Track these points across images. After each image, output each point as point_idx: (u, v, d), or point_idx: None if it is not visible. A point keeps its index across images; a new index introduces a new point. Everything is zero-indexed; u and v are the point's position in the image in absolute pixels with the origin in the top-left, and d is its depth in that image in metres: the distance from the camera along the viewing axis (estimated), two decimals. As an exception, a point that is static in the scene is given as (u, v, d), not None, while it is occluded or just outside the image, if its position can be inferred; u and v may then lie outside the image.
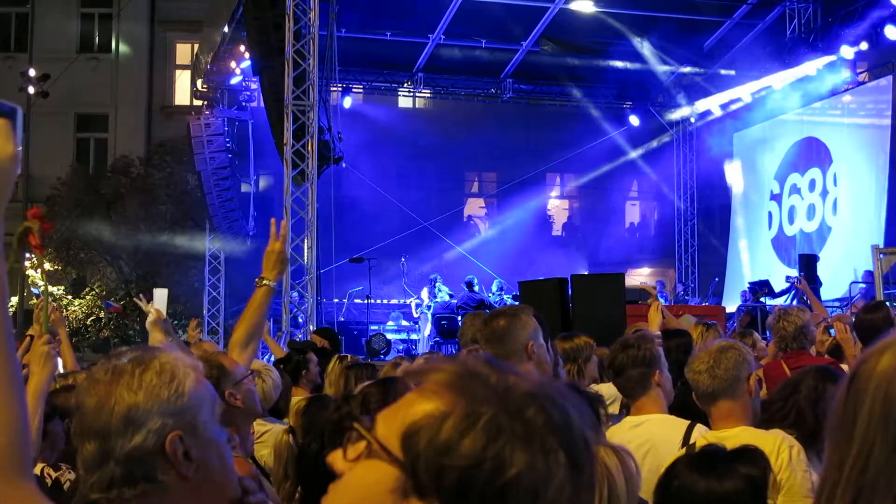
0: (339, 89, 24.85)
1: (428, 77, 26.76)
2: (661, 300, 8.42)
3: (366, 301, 22.68)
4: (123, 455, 2.18)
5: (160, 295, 15.03)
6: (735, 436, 4.02)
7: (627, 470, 1.67)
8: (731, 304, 22.54)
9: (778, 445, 4.04)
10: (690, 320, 9.05)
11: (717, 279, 26.39)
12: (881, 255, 12.63)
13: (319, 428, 3.40)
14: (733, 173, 27.96)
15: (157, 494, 2.18)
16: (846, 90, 24.49)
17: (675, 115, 28.57)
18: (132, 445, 2.17)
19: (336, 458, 1.37)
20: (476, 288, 22.58)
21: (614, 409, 6.22)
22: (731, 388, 4.26)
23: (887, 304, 7.33)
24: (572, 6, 23.28)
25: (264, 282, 4.74)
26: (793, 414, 4.36)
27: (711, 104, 26.79)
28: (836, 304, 18.69)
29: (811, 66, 22.93)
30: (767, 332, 8.61)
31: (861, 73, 24.70)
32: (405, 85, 27.27)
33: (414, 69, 26.38)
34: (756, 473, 2.96)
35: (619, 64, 25.70)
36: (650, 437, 4.53)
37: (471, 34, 25.10)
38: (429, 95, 28.59)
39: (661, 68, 26.13)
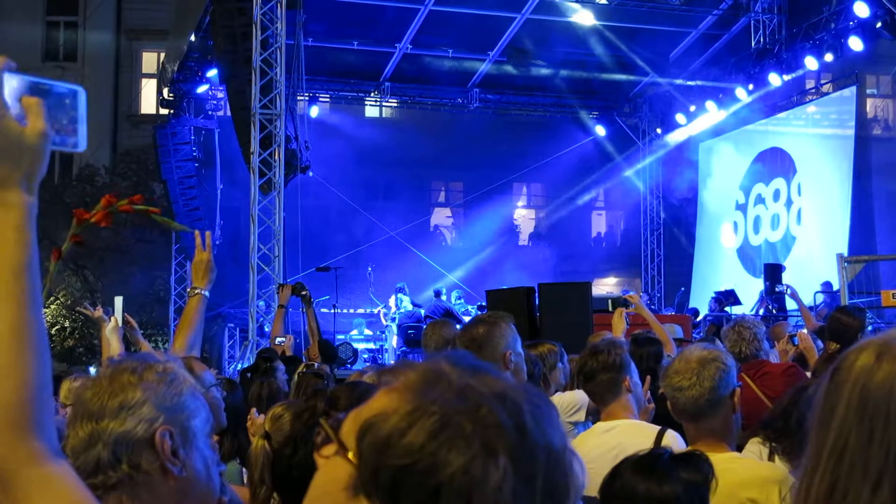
0: (306, 98, 24.81)
1: (395, 86, 26.77)
2: (645, 309, 8.41)
3: (332, 310, 22.62)
4: (112, 438, 2.21)
5: (118, 303, 14.97)
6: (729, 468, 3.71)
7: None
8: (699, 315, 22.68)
9: (778, 482, 3.88)
10: (675, 330, 9.10)
11: (682, 289, 26.51)
12: (846, 264, 12.73)
13: (291, 433, 3.39)
14: (699, 183, 28.12)
15: (140, 486, 2.20)
16: (810, 101, 24.73)
17: (642, 124, 28.72)
18: (123, 430, 2.21)
19: (317, 458, 1.37)
20: (444, 297, 22.60)
21: (580, 416, 6.24)
22: (712, 405, 4.09)
23: (864, 312, 7.40)
24: (540, 16, 23.36)
25: (196, 291, 4.79)
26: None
27: (677, 114, 26.95)
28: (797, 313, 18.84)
29: (776, 76, 23.09)
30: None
31: (825, 83, 24.96)
32: (372, 94, 27.27)
33: (381, 78, 26.39)
34: (697, 479, 2.93)
35: (585, 74, 25.82)
36: (620, 442, 4.50)
37: (438, 44, 25.14)
38: (396, 105, 28.59)
39: (627, 78, 26.28)
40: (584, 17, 23.21)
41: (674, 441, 4.38)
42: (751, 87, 23.95)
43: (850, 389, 1.77)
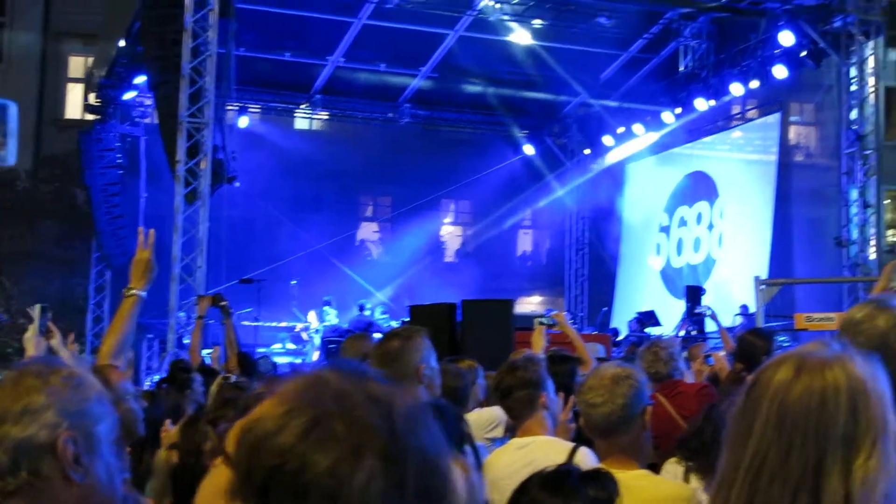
0: (236, 108, 24.64)
1: (326, 99, 26.71)
2: (570, 327, 8.43)
3: (254, 323, 22.47)
4: (13, 444, 2.16)
5: (36, 311, 14.71)
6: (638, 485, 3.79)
7: (469, 482, 1.68)
8: (621, 335, 22.82)
9: (686, 500, 3.93)
10: (597, 349, 9.14)
11: (605, 309, 26.68)
12: (762, 287, 12.91)
13: (196, 443, 3.36)
14: (625, 204, 28.35)
15: (40, 493, 2.16)
16: (735, 126, 25.08)
17: (571, 144, 28.91)
18: (24, 435, 2.16)
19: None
20: (367, 312, 22.54)
21: (498, 432, 6.24)
22: (624, 422, 4.08)
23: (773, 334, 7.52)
24: (475, 34, 23.46)
25: (132, 291, 4.69)
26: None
27: (606, 136, 27.16)
28: (717, 335, 19.04)
29: (702, 101, 23.39)
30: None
31: (750, 109, 25.31)
32: (302, 106, 27.19)
33: (312, 91, 26.32)
34: (603, 497, 2.93)
35: (517, 92, 25.96)
36: (534, 458, 4.48)
37: (371, 58, 25.14)
38: (326, 118, 28.54)
39: (558, 98, 26.45)
40: (521, 37, 23.34)
41: (586, 458, 4.37)
42: (678, 110, 24.24)
43: (769, 404, 1.82)
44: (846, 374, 1.82)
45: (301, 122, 30.57)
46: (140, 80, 23.18)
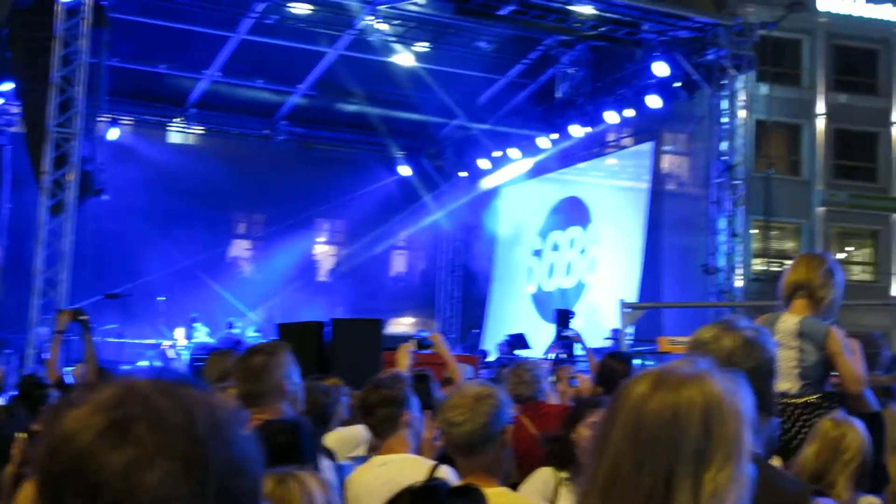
0: (107, 120, 24.12)
1: (201, 113, 26.41)
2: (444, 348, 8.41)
3: (119, 339, 22.00)
4: None
5: None
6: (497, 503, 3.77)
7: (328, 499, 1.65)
8: (490, 357, 22.88)
9: None
10: (466, 370, 9.14)
11: (476, 331, 26.78)
12: (627, 310, 13.08)
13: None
14: (499, 228, 28.52)
15: None
16: (610, 153, 25.43)
17: (447, 167, 29.00)
18: None
19: None
20: (237, 329, 22.26)
21: (361, 451, 6.18)
22: (485, 440, 4.08)
23: (631, 358, 7.69)
24: (356, 54, 23.41)
25: None
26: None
27: (482, 159, 27.30)
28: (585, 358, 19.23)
29: (578, 128, 23.66)
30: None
31: (625, 137, 25.73)
32: (176, 120, 26.81)
33: (186, 104, 25.97)
34: None
35: (395, 113, 25.95)
36: (394, 476, 4.45)
37: (248, 73, 24.90)
38: (201, 132, 28.17)
39: (436, 120, 26.52)
40: (403, 59, 23.35)
41: (446, 476, 4.33)
42: (554, 136, 24.50)
43: (625, 417, 1.86)
44: (702, 390, 1.86)
45: (175, 135, 30.06)
46: (7, 87, 22.54)
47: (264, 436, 4.20)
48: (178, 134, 29.50)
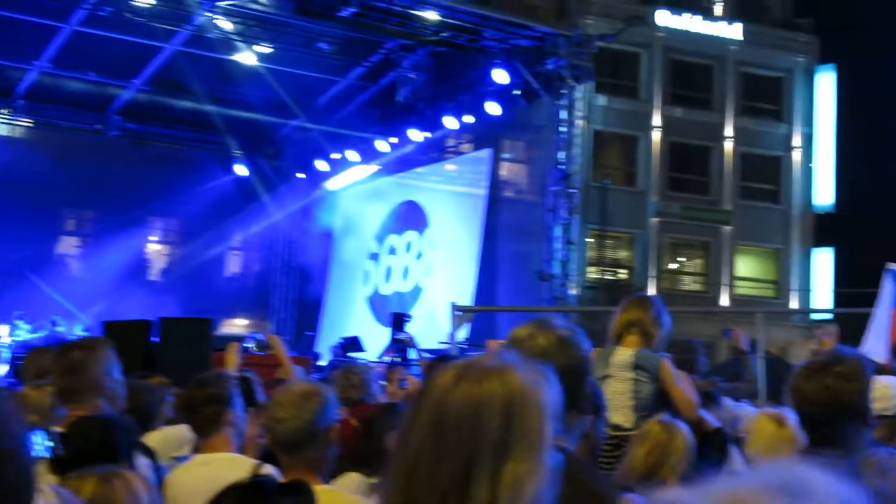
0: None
1: (29, 105, 25.60)
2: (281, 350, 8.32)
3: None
4: None
5: None
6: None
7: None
8: (323, 360, 22.73)
9: None
10: (298, 372, 9.01)
11: (310, 333, 26.57)
12: (458, 312, 13.14)
13: None
14: (336, 230, 28.38)
15: None
16: (448, 159, 25.54)
17: (285, 168, 28.73)
18: None
19: None
20: (61, 328, 21.61)
21: (184, 451, 6.01)
22: (310, 437, 4.05)
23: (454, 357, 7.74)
24: (195, 50, 22.98)
25: None
26: None
27: (321, 161, 27.12)
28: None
29: (417, 132, 23.69)
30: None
31: (464, 143, 25.87)
32: (2, 111, 25.91)
33: (14, 95, 25.12)
34: None
35: (234, 112, 25.59)
36: (216, 475, 4.32)
37: (80, 66, 24.21)
38: (29, 125, 27.28)
39: (275, 121, 26.24)
40: (245, 58, 23.00)
41: (269, 474, 4.24)
42: (393, 140, 24.49)
43: (428, 409, 1.88)
44: (504, 383, 1.87)
45: (1, 127, 29.05)
46: None
47: (77, 432, 4.06)
48: (5, 126, 28.49)
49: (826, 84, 36.05)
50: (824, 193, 35.75)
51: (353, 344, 21.29)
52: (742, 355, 8.16)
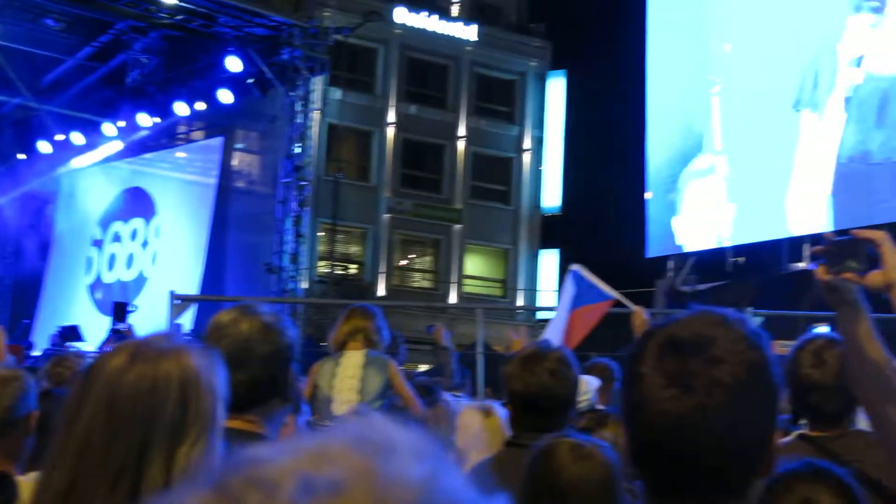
0: None
1: None
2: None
3: None
4: None
5: None
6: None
7: None
8: (38, 350, 21.82)
9: None
10: (9, 361, 8.53)
11: (27, 321, 25.44)
12: (177, 301, 12.83)
13: None
14: (58, 215, 27.31)
15: None
16: (179, 146, 25.01)
17: (5, 147, 27.43)
18: None
19: None
20: None
21: None
22: (7, 425, 3.73)
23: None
24: None
25: None
26: None
27: (44, 141, 25.94)
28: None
29: (147, 117, 23.04)
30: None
31: (195, 130, 25.38)
32: None
33: None
34: (2, 500, 2.97)
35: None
36: None
37: None
38: None
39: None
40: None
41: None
42: (121, 124, 23.69)
43: (100, 390, 1.86)
44: (179, 364, 1.90)
45: None
46: None
47: None
48: None
49: (557, 89, 37.22)
50: (552, 196, 36.89)
51: (72, 333, 20.55)
52: (442, 351, 8.28)
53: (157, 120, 23.32)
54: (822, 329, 7.30)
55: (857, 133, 19.96)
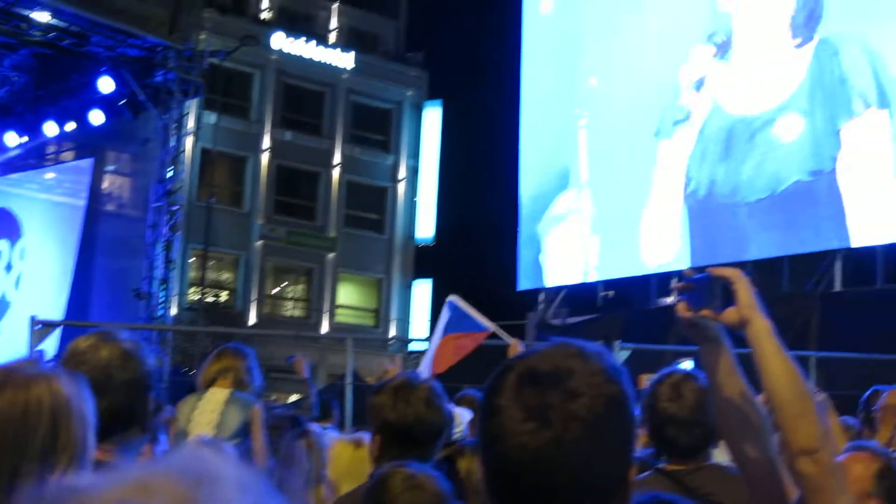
0: None
1: None
2: None
3: None
4: None
5: None
6: None
7: None
8: None
9: None
10: None
11: None
12: (38, 327, 12.46)
13: None
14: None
15: None
16: (48, 166, 24.52)
17: None
18: None
19: None
20: None
21: None
22: None
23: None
24: None
25: None
26: None
27: None
28: None
29: (14, 136, 22.56)
30: None
31: (65, 151, 24.89)
32: None
33: None
34: None
35: None
36: None
37: None
38: None
39: None
40: None
41: None
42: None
43: None
44: (50, 390, 1.88)
45: None
46: None
47: None
48: None
49: (433, 118, 37.45)
50: (426, 226, 37.03)
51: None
52: (302, 383, 8.35)
53: (25, 139, 22.83)
54: (687, 364, 7.43)
55: (704, 166, 20.16)
